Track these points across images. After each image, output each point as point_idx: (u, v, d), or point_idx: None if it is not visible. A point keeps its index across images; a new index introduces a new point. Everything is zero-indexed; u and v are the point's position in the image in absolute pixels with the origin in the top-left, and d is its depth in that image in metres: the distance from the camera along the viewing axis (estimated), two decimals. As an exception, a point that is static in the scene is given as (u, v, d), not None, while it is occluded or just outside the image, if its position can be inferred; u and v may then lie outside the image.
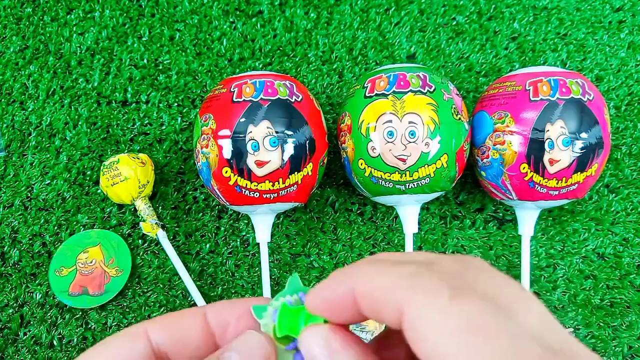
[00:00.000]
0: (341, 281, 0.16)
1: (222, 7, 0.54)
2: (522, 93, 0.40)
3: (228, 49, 0.52)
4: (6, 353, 0.43)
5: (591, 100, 0.39)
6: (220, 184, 0.40)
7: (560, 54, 0.52)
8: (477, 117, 0.43)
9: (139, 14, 0.54)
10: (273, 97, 0.39)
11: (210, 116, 0.40)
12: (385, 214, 0.48)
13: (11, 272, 0.46)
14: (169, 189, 0.48)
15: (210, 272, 0.46)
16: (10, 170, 0.49)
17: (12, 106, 0.51)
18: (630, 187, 0.48)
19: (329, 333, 0.16)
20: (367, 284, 0.15)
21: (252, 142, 0.38)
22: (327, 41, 0.53)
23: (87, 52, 0.52)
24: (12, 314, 0.45)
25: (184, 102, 0.51)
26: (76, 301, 0.44)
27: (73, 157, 0.49)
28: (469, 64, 0.52)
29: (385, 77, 0.40)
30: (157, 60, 0.52)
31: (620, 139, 0.50)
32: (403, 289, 0.14)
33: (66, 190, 0.48)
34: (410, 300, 0.14)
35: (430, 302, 0.13)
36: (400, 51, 0.52)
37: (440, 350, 0.13)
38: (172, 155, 0.49)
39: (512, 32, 0.53)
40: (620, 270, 0.46)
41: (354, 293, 0.15)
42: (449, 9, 0.54)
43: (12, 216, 0.47)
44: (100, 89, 0.51)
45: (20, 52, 0.52)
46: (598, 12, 0.54)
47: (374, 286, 0.15)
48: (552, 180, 0.39)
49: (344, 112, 0.42)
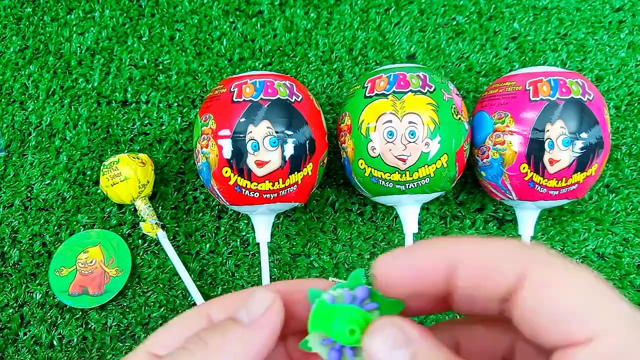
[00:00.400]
0: (436, 249, 0.16)
1: (222, 7, 0.54)
2: (522, 93, 0.40)
3: (228, 49, 0.52)
4: (6, 353, 0.43)
5: (591, 100, 0.39)
6: (220, 184, 0.40)
7: (560, 54, 0.52)
8: (477, 117, 0.43)
9: (139, 14, 0.54)
10: (273, 97, 0.39)
11: (210, 116, 0.40)
12: (385, 214, 0.48)
13: (11, 272, 0.46)
14: (169, 189, 0.48)
15: (210, 272, 0.46)
16: (10, 170, 0.49)
17: (12, 106, 0.51)
18: (630, 187, 0.48)
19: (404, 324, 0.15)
20: (479, 251, 0.15)
21: (252, 142, 0.38)
22: (327, 41, 0.53)
23: (87, 52, 0.52)
24: (12, 314, 0.45)
25: (184, 102, 0.51)
26: (76, 301, 0.44)
27: (73, 157, 0.49)
28: (469, 64, 0.52)
29: (385, 77, 0.40)
30: (157, 60, 0.52)
31: (620, 139, 0.50)
32: (526, 254, 0.14)
33: (66, 190, 0.48)
34: (536, 263, 0.14)
35: (556, 265, 0.14)
36: (400, 51, 0.52)
37: (569, 304, 0.13)
38: (172, 155, 0.49)
39: (512, 32, 0.53)
40: (620, 270, 0.46)
41: (451, 262, 0.15)
42: (449, 9, 0.54)
43: (12, 216, 0.47)
44: (100, 89, 0.51)
45: (20, 52, 0.52)
46: (598, 12, 0.54)
47: (488, 254, 0.15)
48: (552, 180, 0.39)
49: (344, 112, 0.42)
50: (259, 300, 0.17)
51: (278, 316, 0.17)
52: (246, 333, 0.16)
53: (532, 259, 0.14)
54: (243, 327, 0.16)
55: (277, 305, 0.17)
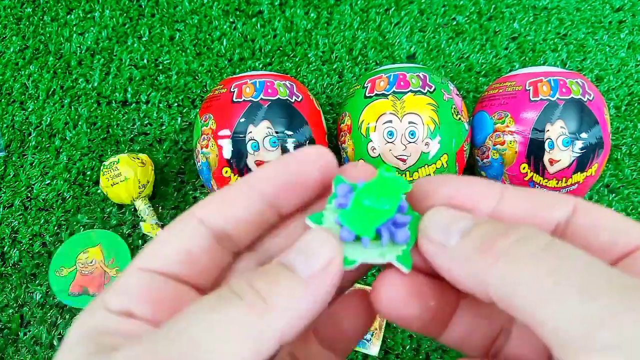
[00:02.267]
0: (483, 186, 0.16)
1: (222, 7, 0.54)
2: (522, 93, 0.40)
3: (228, 49, 0.52)
4: (6, 353, 0.43)
5: (591, 100, 0.39)
6: (220, 184, 0.40)
7: (560, 54, 0.52)
8: (477, 117, 0.43)
9: (139, 14, 0.54)
10: (273, 97, 0.39)
11: (210, 116, 0.40)
12: (385, 214, 0.48)
13: (11, 272, 0.46)
14: (169, 189, 0.48)
15: (210, 272, 0.46)
16: (10, 170, 0.49)
17: (12, 106, 0.51)
18: (630, 187, 0.48)
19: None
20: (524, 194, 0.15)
21: (252, 142, 0.38)
22: (327, 41, 0.53)
23: (87, 52, 0.52)
24: (12, 314, 0.45)
25: (184, 102, 0.51)
26: (76, 301, 0.44)
27: (73, 157, 0.49)
28: (469, 64, 0.52)
29: (385, 77, 0.40)
30: (157, 60, 0.52)
31: (620, 139, 0.50)
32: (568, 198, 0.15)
33: (66, 190, 0.48)
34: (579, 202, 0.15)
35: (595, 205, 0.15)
36: (400, 51, 0.52)
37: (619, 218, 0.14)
38: (172, 155, 0.49)
39: (512, 32, 0.53)
40: (620, 270, 0.46)
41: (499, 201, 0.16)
42: (449, 9, 0.54)
43: (12, 216, 0.47)
44: (100, 89, 0.51)
45: (20, 52, 0.52)
46: (598, 12, 0.54)
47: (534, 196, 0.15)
48: (552, 180, 0.39)
49: (344, 112, 0.42)
50: (319, 248, 0.14)
51: (340, 266, 0.14)
52: (306, 290, 0.14)
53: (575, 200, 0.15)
54: (303, 282, 0.14)
55: (340, 253, 0.14)
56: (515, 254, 0.13)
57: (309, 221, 0.16)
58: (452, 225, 0.14)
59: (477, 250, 0.13)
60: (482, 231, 0.14)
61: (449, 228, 0.14)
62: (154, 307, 0.14)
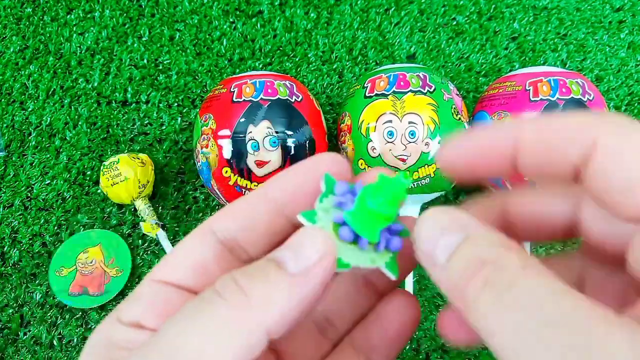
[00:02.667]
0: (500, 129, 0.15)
1: (222, 7, 0.54)
2: (522, 93, 0.40)
3: (228, 49, 0.52)
4: (6, 353, 0.43)
5: (591, 100, 0.39)
6: (220, 184, 0.40)
7: (560, 54, 0.52)
8: (477, 117, 0.43)
9: (139, 14, 0.54)
10: (273, 97, 0.40)
11: (210, 116, 0.40)
12: (385, 214, 0.48)
13: (11, 272, 0.46)
14: (169, 189, 0.48)
15: (210, 272, 0.46)
16: (10, 170, 0.49)
17: (12, 106, 0.51)
18: (630, 187, 0.48)
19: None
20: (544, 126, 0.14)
21: (252, 142, 0.38)
22: (327, 41, 0.53)
23: (87, 52, 0.52)
24: (12, 314, 0.45)
25: (184, 102, 0.51)
26: (76, 301, 0.44)
27: (73, 157, 0.49)
28: (469, 64, 0.52)
29: (385, 77, 0.40)
30: (157, 60, 0.52)
31: (620, 139, 0.50)
32: (593, 123, 0.13)
33: (66, 190, 0.48)
34: (604, 131, 0.13)
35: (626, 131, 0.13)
36: (400, 51, 0.52)
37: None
38: (172, 155, 0.49)
39: (512, 32, 0.53)
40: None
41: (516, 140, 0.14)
42: (449, 9, 0.54)
43: (12, 216, 0.47)
44: (100, 89, 0.51)
45: (20, 52, 0.52)
46: (598, 12, 0.54)
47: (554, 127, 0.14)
48: (552, 180, 0.39)
49: (344, 112, 0.42)
50: (311, 245, 0.14)
51: (332, 264, 0.14)
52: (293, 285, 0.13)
53: (600, 128, 0.13)
54: (290, 277, 0.13)
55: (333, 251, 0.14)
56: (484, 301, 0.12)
57: (302, 218, 0.15)
58: (441, 239, 0.14)
59: (462, 279, 0.13)
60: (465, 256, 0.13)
61: (438, 242, 0.14)
62: (163, 318, 0.14)
